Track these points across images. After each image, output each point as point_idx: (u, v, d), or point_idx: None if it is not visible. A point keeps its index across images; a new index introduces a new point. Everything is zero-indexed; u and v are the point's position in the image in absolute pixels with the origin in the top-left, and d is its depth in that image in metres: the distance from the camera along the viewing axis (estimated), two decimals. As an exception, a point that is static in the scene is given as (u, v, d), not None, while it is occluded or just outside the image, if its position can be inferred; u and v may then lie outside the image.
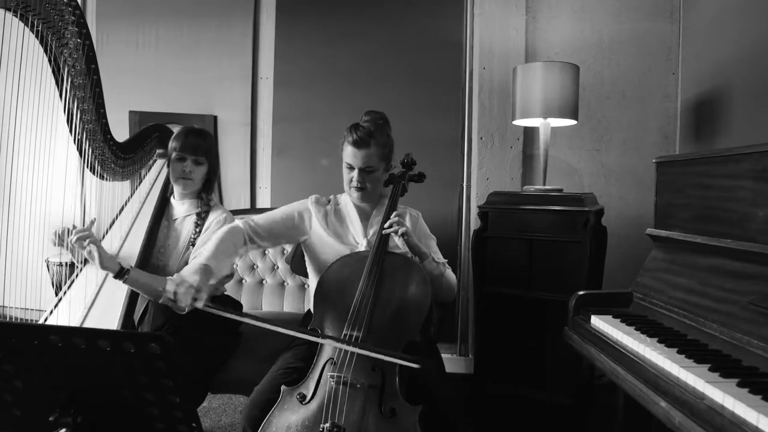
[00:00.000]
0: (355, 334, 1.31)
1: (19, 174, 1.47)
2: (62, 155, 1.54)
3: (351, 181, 1.56)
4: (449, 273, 1.61)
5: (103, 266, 1.45)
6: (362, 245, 1.58)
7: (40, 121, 1.42)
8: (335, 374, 1.25)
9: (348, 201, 1.66)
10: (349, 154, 1.54)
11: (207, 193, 1.72)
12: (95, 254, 1.42)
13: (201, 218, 1.67)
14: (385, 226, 1.48)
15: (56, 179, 1.58)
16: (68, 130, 1.44)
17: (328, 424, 1.17)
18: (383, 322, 1.35)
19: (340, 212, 1.65)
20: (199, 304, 1.29)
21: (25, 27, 1.26)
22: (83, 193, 1.91)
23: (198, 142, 1.65)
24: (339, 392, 1.22)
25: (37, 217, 1.50)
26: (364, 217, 1.64)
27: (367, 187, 1.56)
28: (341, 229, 1.62)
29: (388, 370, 1.26)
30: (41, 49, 1.32)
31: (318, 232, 1.60)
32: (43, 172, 1.51)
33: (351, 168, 1.55)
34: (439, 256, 1.62)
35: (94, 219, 1.57)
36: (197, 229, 1.65)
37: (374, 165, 1.54)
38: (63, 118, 1.42)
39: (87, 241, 1.41)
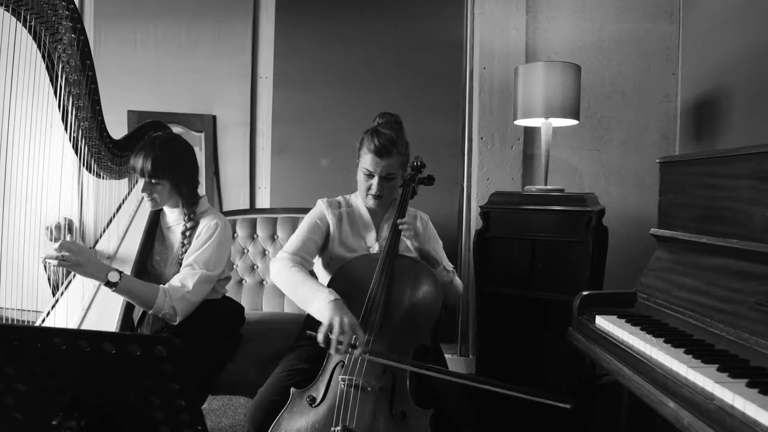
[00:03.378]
0: (366, 336, 1.30)
1: (14, 173, 1.45)
2: (58, 154, 1.51)
3: (369, 188, 1.54)
4: (457, 280, 1.61)
5: (90, 277, 1.40)
6: (374, 248, 1.58)
7: (35, 119, 1.39)
8: (346, 377, 1.24)
9: (360, 204, 1.64)
10: (370, 161, 1.50)
11: (188, 206, 1.63)
12: (76, 269, 1.36)
13: (186, 236, 1.61)
14: (398, 222, 1.46)
15: (52, 178, 1.56)
16: (64, 128, 1.41)
17: (339, 428, 1.16)
18: (394, 325, 1.34)
19: (353, 216, 1.64)
20: (358, 352, 1.23)
21: (18, 22, 1.23)
22: (80, 192, 1.89)
23: (149, 161, 1.50)
24: (350, 395, 1.21)
25: (34, 217, 1.47)
26: (377, 221, 1.63)
27: (385, 194, 1.55)
28: (354, 234, 1.61)
29: (399, 373, 1.25)
30: (35, 45, 1.28)
31: (333, 235, 1.59)
32: (39, 171, 1.48)
33: (370, 175, 1.53)
34: (447, 263, 1.62)
35: (71, 221, 1.53)
36: (183, 248, 1.60)
37: (395, 172, 1.53)
38: (58, 115, 1.38)
39: (66, 264, 1.34)
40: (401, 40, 2.63)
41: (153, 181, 1.53)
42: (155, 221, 1.66)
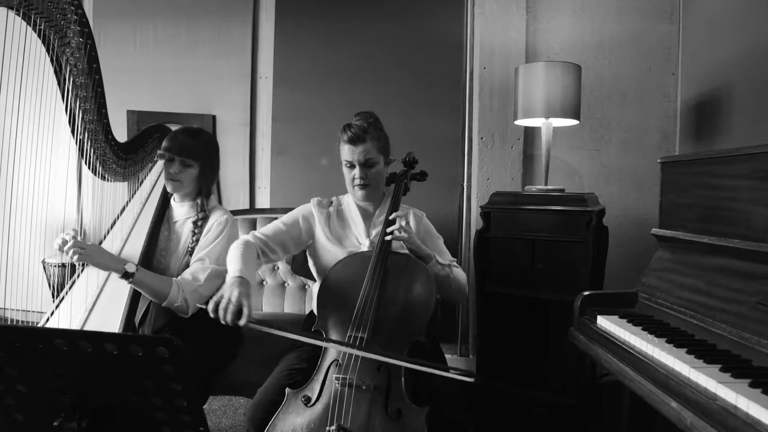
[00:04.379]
0: (359, 335, 1.30)
1: (18, 174, 1.45)
2: (63, 156, 1.52)
3: (353, 179, 1.55)
4: (458, 272, 1.58)
5: (106, 269, 1.45)
6: (365, 246, 1.57)
7: (41, 122, 1.41)
8: (340, 376, 1.24)
9: (350, 201, 1.65)
10: (347, 151, 1.53)
11: (204, 197, 1.68)
12: (93, 261, 1.43)
13: (197, 226, 1.64)
14: (387, 231, 1.46)
15: (56, 180, 1.56)
16: (70, 130, 1.43)
17: (334, 427, 1.16)
18: (388, 323, 1.34)
19: (343, 213, 1.64)
20: (243, 322, 1.25)
21: (28, 26, 1.25)
22: (80, 193, 1.89)
23: (186, 143, 1.61)
24: (344, 394, 1.21)
25: (37, 218, 1.48)
26: (367, 217, 1.63)
27: (370, 183, 1.55)
28: (344, 231, 1.61)
29: (394, 371, 1.25)
30: (43, 49, 1.31)
31: (321, 235, 1.59)
32: (43, 173, 1.49)
33: (351, 166, 1.54)
34: (446, 257, 1.60)
35: (74, 231, 1.55)
36: (194, 237, 1.63)
37: (374, 157, 1.54)
38: (64, 118, 1.40)
39: (75, 257, 1.40)
40: (401, 40, 2.63)
41: (186, 161, 1.60)
42: (161, 216, 1.67)
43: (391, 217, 1.50)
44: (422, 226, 1.65)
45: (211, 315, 1.26)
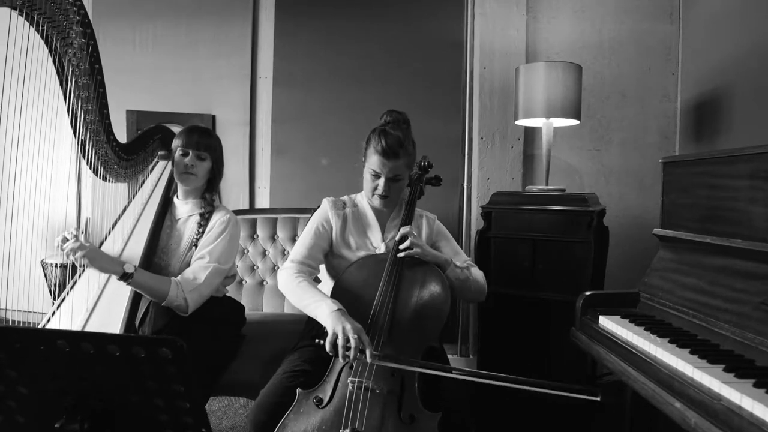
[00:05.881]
0: (375, 339, 1.29)
1: (19, 175, 1.45)
2: (64, 156, 1.51)
3: (376, 188, 1.52)
4: (476, 273, 1.57)
5: (104, 271, 1.45)
6: (380, 249, 1.56)
7: (42, 122, 1.40)
8: (355, 379, 1.23)
9: (365, 203, 1.63)
10: (377, 162, 1.49)
11: (210, 193, 1.71)
12: (92, 263, 1.42)
13: (204, 218, 1.66)
14: (400, 248, 1.43)
15: (57, 180, 1.56)
16: (71, 130, 1.43)
17: (347, 430, 1.16)
18: (403, 328, 1.34)
19: (359, 216, 1.62)
20: (369, 359, 1.22)
21: (30, 26, 1.25)
22: (80, 194, 1.88)
23: (200, 138, 1.65)
24: (359, 397, 1.20)
25: (38, 219, 1.47)
26: (382, 221, 1.62)
27: (391, 194, 1.53)
28: (359, 234, 1.60)
29: (407, 376, 1.25)
30: (46, 49, 1.30)
31: (337, 238, 1.58)
32: (44, 173, 1.49)
33: (377, 176, 1.51)
34: (461, 257, 1.59)
35: (88, 218, 1.55)
36: (200, 230, 1.64)
37: (402, 174, 1.52)
38: (66, 118, 1.40)
39: (78, 254, 1.40)
40: (401, 40, 2.63)
41: (201, 155, 1.63)
42: (163, 214, 1.68)
43: (400, 234, 1.45)
44: (435, 230, 1.64)
45: (331, 354, 1.25)
